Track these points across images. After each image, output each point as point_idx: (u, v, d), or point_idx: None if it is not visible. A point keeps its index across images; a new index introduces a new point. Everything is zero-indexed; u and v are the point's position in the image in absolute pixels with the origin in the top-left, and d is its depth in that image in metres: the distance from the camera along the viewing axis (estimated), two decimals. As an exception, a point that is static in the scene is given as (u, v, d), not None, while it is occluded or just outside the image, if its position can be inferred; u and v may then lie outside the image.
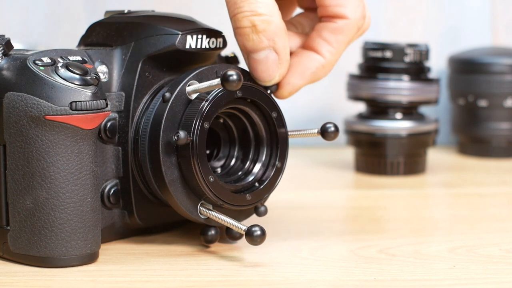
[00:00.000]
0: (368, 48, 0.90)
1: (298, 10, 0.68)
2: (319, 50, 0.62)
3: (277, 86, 0.63)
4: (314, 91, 1.07)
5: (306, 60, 0.62)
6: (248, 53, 0.61)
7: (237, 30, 0.60)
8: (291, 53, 0.63)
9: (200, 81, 0.61)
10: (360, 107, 0.93)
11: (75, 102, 0.56)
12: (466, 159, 0.99)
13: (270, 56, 0.60)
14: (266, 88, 0.62)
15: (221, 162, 0.65)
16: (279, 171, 0.63)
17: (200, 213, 0.61)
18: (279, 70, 0.61)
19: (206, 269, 0.58)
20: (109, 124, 0.61)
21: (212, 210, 0.61)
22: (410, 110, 0.89)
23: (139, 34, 0.62)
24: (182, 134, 0.58)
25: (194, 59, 0.63)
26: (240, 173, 0.64)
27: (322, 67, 0.63)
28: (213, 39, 0.63)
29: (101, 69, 0.61)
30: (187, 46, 0.62)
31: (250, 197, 0.62)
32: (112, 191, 0.62)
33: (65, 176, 0.57)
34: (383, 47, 0.89)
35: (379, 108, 0.89)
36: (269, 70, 0.61)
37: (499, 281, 0.56)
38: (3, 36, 0.58)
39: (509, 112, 0.98)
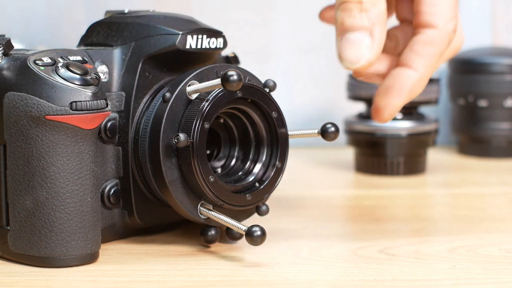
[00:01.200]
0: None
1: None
2: (412, 65, 0.61)
3: (376, 109, 0.62)
4: (314, 91, 1.07)
5: (401, 78, 0.61)
6: (344, 31, 0.59)
7: (341, 5, 0.59)
8: (384, 76, 0.63)
9: (200, 81, 0.61)
10: (360, 107, 0.93)
11: (75, 102, 0.56)
12: (466, 159, 0.99)
13: (364, 40, 0.59)
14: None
15: (222, 162, 0.65)
16: (279, 171, 0.63)
17: (200, 213, 0.61)
18: (368, 55, 0.59)
19: (206, 269, 0.58)
20: (109, 124, 0.61)
21: (212, 210, 0.61)
22: (410, 110, 0.89)
23: (139, 34, 0.62)
24: (182, 136, 0.58)
25: (194, 59, 0.63)
26: (240, 173, 0.64)
27: (417, 82, 0.62)
28: (213, 39, 0.63)
29: (102, 69, 0.61)
30: (187, 46, 0.62)
31: (250, 197, 0.62)
32: (112, 191, 0.62)
33: (65, 176, 0.57)
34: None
35: (379, 108, 0.89)
36: (359, 52, 0.59)
37: (499, 281, 0.56)
38: (3, 36, 0.58)
39: (509, 112, 0.98)
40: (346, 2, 0.59)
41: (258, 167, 0.63)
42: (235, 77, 0.57)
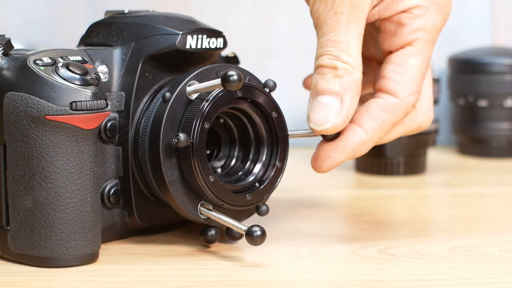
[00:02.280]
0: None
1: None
2: (363, 124, 0.62)
3: (316, 158, 0.62)
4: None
5: (348, 134, 0.62)
6: (317, 93, 0.60)
7: (317, 69, 0.60)
8: None
9: (200, 81, 0.61)
10: (360, 107, 0.93)
11: (75, 102, 0.56)
12: (466, 159, 0.99)
13: (334, 104, 0.59)
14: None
15: (222, 162, 0.65)
16: (279, 171, 0.63)
17: (200, 213, 0.61)
18: (334, 119, 0.60)
19: (206, 269, 0.58)
20: (109, 124, 0.61)
21: (212, 210, 0.61)
22: (410, 110, 0.89)
23: (139, 34, 0.62)
24: (182, 136, 0.58)
25: (194, 59, 0.63)
26: (240, 173, 0.64)
27: (363, 143, 0.62)
28: (213, 39, 0.63)
29: (101, 69, 0.61)
30: (187, 46, 0.62)
31: (250, 197, 0.62)
32: (112, 191, 0.62)
33: (65, 176, 0.57)
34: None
35: (379, 108, 0.89)
36: (326, 115, 0.60)
37: (499, 281, 0.56)
38: (3, 36, 0.58)
39: (509, 112, 0.98)
40: (322, 66, 0.60)
41: (258, 167, 0.63)
42: (235, 77, 0.57)
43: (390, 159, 0.89)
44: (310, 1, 0.60)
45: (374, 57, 0.67)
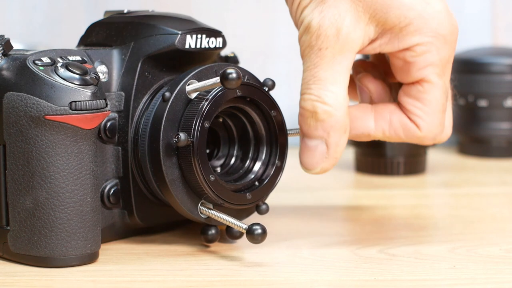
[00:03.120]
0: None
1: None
2: (378, 121, 0.61)
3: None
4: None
5: (362, 118, 0.61)
6: (303, 135, 0.60)
7: (299, 110, 0.59)
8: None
9: (199, 81, 0.61)
10: (360, 107, 0.93)
11: (75, 102, 0.56)
12: (466, 159, 0.99)
13: (319, 147, 0.59)
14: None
15: (221, 161, 0.65)
16: (279, 170, 0.63)
17: (201, 213, 0.61)
18: (322, 164, 0.59)
19: (206, 269, 0.58)
20: (109, 124, 0.61)
21: (212, 209, 0.61)
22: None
23: (138, 34, 0.62)
24: (182, 136, 0.58)
25: (194, 59, 0.63)
26: (240, 172, 0.64)
27: (367, 136, 0.62)
28: (212, 39, 0.63)
29: (101, 69, 0.61)
30: (187, 46, 0.62)
31: (250, 196, 0.62)
32: (112, 191, 0.62)
33: (65, 176, 0.57)
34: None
35: (379, 108, 0.89)
36: (313, 160, 0.59)
37: (499, 281, 0.56)
38: (3, 36, 0.58)
39: (509, 112, 0.98)
40: (302, 108, 0.59)
41: (257, 166, 0.63)
42: (234, 75, 0.57)
43: (390, 159, 0.89)
44: (299, 32, 0.59)
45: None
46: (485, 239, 0.66)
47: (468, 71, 0.98)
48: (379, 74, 0.64)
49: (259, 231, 0.58)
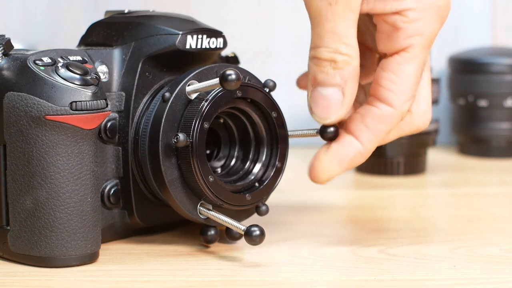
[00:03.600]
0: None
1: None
2: (359, 137, 0.61)
3: (313, 170, 0.62)
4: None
5: (345, 146, 0.61)
6: (315, 85, 0.59)
7: (313, 60, 0.59)
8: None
9: (200, 81, 0.61)
10: (360, 107, 0.93)
11: (75, 102, 0.56)
12: (466, 159, 0.99)
13: (335, 95, 0.59)
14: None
15: (221, 162, 0.65)
16: (279, 171, 0.63)
17: (200, 213, 0.61)
18: (338, 112, 0.59)
19: (206, 269, 0.58)
20: (109, 124, 0.61)
21: (211, 210, 0.61)
22: (410, 110, 0.89)
23: (139, 34, 0.62)
24: (181, 136, 0.58)
25: (194, 59, 0.63)
26: (240, 173, 0.64)
27: (360, 155, 0.61)
28: (213, 39, 0.63)
29: (101, 69, 0.61)
30: (187, 46, 0.62)
31: (250, 197, 0.62)
32: (112, 191, 0.62)
33: (65, 176, 0.57)
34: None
35: (379, 108, 0.89)
36: (330, 108, 0.59)
37: (499, 281, 0.56)
38: (3, 36, 0.58)
39: (509, 112, 0.98)
40: (319, 58, 0.59)
41: (258, 167, 0.63)
42: (233, 76, 0.57)
43: (390, 159, 0.89)
44: None
45: (374, 49, 0.65)
46: (485, 239, 0.66)
47: (468, 71, 0.98)
48: None
49: (257, 232, 0.58)
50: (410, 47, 0.60)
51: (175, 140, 0.58)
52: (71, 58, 0.59)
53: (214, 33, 0.63)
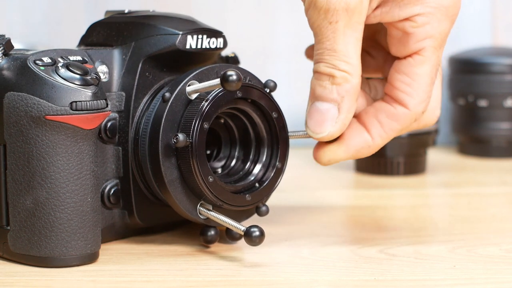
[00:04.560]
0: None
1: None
2: (370, 130, 0.61)
3: (318, 149, 0.62)
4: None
5: (355, 135, 0.61)
6: (314, 99, 0.60)
7: (315, 74, 0.59)
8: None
9: (200, 81, 0.61)
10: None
11: (76, 102, 0.56)
12: (466, 159, 0.99)
13: (331, 111, 0.59)
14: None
15: (222, 163, 0.65)
16: (280, 172, 0.63)
17: (200, 213, 0.61)
18: (332, 128, 0.59)
19: (206, 269, 0.58)
20: (109, 124, 0.61)
21: (211, 211, 0.61)
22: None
23: (139, 34, 0.62)
24: (181, 136, 0.58)
25: (195, 59, 0.63)
26: (240, 173, 0.64)
27: (367, 147, 0.61)
28: (213, 39, 0.63)
29: (102, 69, 0.61)
30: (188, 46, 0.62)
31: (250, 198, 0.62)
32: (112, 191, 0.62)
33: (65, 176, 0.57)
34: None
35: (379, 108, 0.89)
36: (323, 124, 0.59)
37: (499, 281, 0.56)
38: (3, 36, 0.58)
39: (509, 112, 0.98)
40: (319, 72, 0.59)
41: (258, 168, 0.63)
42: (234, 77, 0.57)
43: (390, 159, 0.89)
44: (305, 5, 0.59)
45: (386, 48, 0.65)
46: (485, 239, 0.66)
47: (468, 71, 0.98)
48: None
49: (257, 233, 0.58)
50: (422, 50, 0.60)
51: (174, 140, 0.58)
52: (71, 58, 0.59)
53: (214, 33, 0.63)
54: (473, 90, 0.98)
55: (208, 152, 0.64)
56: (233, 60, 0.69)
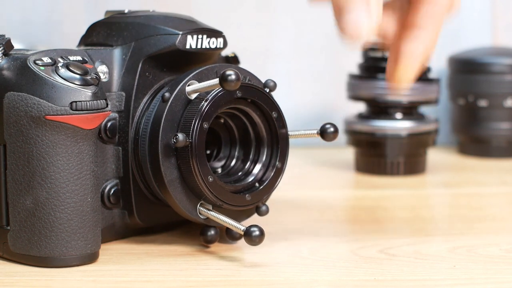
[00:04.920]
0: (368, 48, 0.90)
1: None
2: (421, 25, 0.60)
3: (392, 79, 0.60)
4: (314, 91, 1.07)
5: (413, 41, 0.60)
6: (341, 5, 0.57)
7: None
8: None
9: (200, 81, 0.61)
10: (360, 107, 0.93)
11: (76, 102, 0.56)
12: (466, 159, 0.99)
13: (362, 9, 0.56)
14: None
15: (222, 163, 0.65)
16: (279, 172, 0.63)
17: (200, 213, 0.61)
18: (368, 26, 0.56)
19: (206, 269, 0.58)
20: (109, 124, 0.61)
21: (211, 210, 0.61)
22: (410, 110, 0.89)
23: (139, 34, 0.62)
24: (181, 136, 0.58)
25: (194, 59, 0.63)
26: (240, 173, 0.64)
27: (430, 42, 0.60)
28: (213, 39, 0.63)
29: (102, 69, 0.62)
30: (188, 46, 0.62)
31: (249, 198, 0.62)
32: (112, 191, 0.62)
33: (65, 176, 0.57)
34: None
35: (379, 108, 0.89)
36: (358, 22, 0.56)
37: (499, 281, 0.56)
38: (3, 36, 0.58)
39: (509, 112, 0.98)
40: None
41: (258, 168, 0.63)
42: (233, 77, 0.57)
43: (390, 159, 0.89)
44: None
45: None
46: (485, 239, 0.66)
47: (468, 71, 0.98)
48: None
49: (257, 233, 0.58)
50: None
51: (174, 140, 0.58)
52: (71, 58, 0.59)
53: (214, 33, 0.63)
54: (473, 90, 0.98)
55: (208, 152, 0.64)
56: (233, 60, 0.69)
